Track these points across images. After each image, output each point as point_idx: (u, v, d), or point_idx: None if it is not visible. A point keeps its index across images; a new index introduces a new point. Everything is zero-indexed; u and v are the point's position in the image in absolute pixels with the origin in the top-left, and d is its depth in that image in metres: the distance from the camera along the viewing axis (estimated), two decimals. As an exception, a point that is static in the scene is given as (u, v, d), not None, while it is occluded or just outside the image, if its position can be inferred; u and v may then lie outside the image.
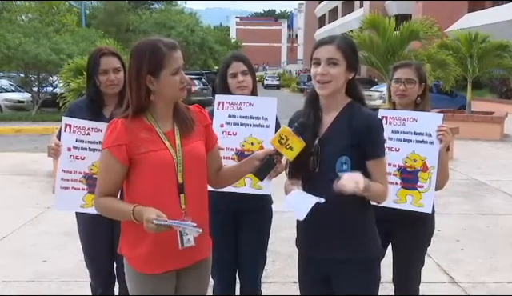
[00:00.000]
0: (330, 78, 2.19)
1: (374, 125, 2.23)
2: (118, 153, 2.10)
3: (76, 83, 9.28)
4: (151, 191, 2.13)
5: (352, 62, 2.24)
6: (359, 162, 2.20)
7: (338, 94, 2.25)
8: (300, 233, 2.40)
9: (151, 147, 2.13)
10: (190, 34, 29.69)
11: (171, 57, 2.09)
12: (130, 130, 2.12)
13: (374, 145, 2.22)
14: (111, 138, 2.12)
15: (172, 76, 2.10)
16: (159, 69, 2.08)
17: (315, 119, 2.27)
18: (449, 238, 5.45)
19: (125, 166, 2.13)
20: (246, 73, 2.97)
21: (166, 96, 2.15)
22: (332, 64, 2.19)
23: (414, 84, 2.96)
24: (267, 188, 2.87)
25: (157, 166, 2.12)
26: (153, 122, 2.17)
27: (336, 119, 2.26)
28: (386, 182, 2.27)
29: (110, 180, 2.14)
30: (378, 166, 2.23)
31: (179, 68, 2.12)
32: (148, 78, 2.09)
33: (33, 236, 5.60)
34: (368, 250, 2.28)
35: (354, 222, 2.25)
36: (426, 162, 2.76)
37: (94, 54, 3.05)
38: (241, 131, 2.84)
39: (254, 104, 2.83)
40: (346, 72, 2.22)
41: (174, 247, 2.07)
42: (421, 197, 2.77)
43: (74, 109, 3.09)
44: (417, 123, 2.78)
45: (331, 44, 2.21)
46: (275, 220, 3.17)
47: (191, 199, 2.18)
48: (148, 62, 2.08)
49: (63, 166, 2.91)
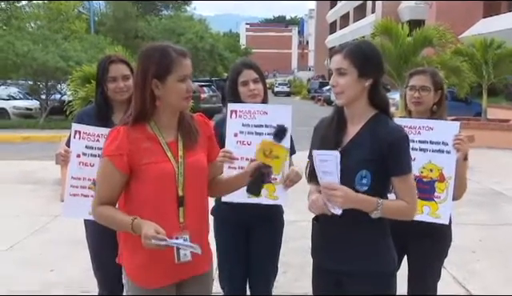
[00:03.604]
0: (341, 88, 2.18)
1: (397, 139, 2.17)
2: (119, 162, 2.09)
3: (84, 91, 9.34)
4: (150, 203, 2.12)
5: (364, 69, 2.17)
6: (381, 177, 2.17)
7: (357, 104, 2.22)
8: (315, 243, 2.39)
9: (152, 158, 2.11)
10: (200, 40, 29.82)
11: (180, 63, 2.08)
12: (131, 139, 2.10)
13: (398, 161, 2.17)
14: (112, 147, 2.10)
15: (178, 83, 2.09)
16: (167, 73, 2.07)
17: (338, 129, 2.26)
18: (464, 250, 5.39)
19: (125, 175, 2.12)
20: (258, 81, 2.96)
21: (171, 104, 2.13)
22: (341, 74, 2.18)
23: (429, 91, 2.94)
24: (283, 198, 2.84)
25: (157, 178, 2.11)
26: (156, 130, 2.15)
27: (359, 131, 2.22)
28: (412, 199, 2.20)
29: (108, 189, 2.13)
30: (402, 183, 2.18)
31: (187, 76, 2.11)
32: (154, 82, 2.08)
33: (40, 245, 5.63)
34: (383, 264, 2.26)
35: (369, 235, 2.23)
36: (442, 171, 2.74)
37: (102, 61, 3.09)
38: (255, 141, 2.79)
39: (268, 112, 2.80)
40: (358, 80, 2.17)
41: (170, 261, 2.07)
42: (438, 207, 2.75)
43: (82, 116, 3.13)
44: (433, 132, 2.76)
45: (340, 53, 2.19)
46: (287, 230, 3.16)
47: (190, 213, 2.17)
48: (156, 64, 2.07)
49: (72, 173, 2.93)
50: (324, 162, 2.09)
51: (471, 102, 19.65)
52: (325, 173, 2.10)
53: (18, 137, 15.26)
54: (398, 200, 2.19)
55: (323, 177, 2.11)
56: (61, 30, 21.22)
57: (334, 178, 2.08)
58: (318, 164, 2.11)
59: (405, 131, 2.25)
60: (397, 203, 2.18)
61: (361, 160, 2.15)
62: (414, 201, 2.22)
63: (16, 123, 18.57)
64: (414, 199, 2.22)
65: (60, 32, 20.93)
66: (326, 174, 2.09)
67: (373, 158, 2.14)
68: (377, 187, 2.16)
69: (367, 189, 2.14)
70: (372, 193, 2.13)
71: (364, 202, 2.12)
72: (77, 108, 9.36)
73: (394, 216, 2.20)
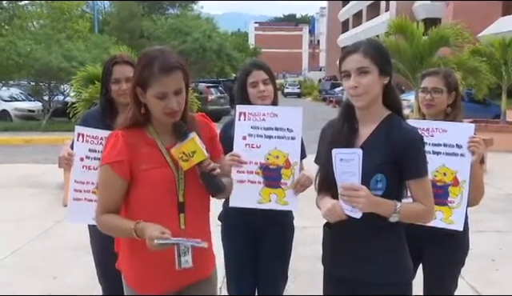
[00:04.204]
0: (364, 88, 2.14)
1: (413, 141, 2.16)
2: (120, 169, 2.11)
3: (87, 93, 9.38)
4: (150, 209, 2.13)
5: (384, 66, 2.18)
6: (396, 181, 2.17)
7: (375, 104, 2.21)
8: (327, 251, 2.38)
9: (152, 164, 2.13)
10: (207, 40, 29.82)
11: (159, 80, 2.03)
12: (131, 144, 2.12)
13: (414, 163, 2.16)
14: (112, 154, 2.11)
15: (155, 99, 2.07)
16: (146, 86, 2.07)
17: (350, 132, 2.24)
18: (483, 257, 5.36)
19: (126, 181, 2.14)
20: (267, 82, 2.97)
21: (154, 115, 2.14)
22: (363, 73, 2.14)
23: (442, 93, 2.93)
24: (293, 204, 2.85)
25: (157, 184, 2.13)
26: (155, 135, 2.17)
27: (373, 133, 2.21)
28: (429, 203, 2.21)
29: (110, 196, 2.15)
30: (419, 187, 2.18)
31: (166, 93, 2.05)
32: (138, 89, 2.10)
33: (42, 251, 5.68)
34: (399, 272, 2.25)
35: (385, 242, 2.22)
36: (456, 175, 2.74)
37: (107, 62, 3.13)
38: (265, 144, 2.81)
39: (278, 115, 2.81)
40: (379, 78, 2.17)
41: (170, 266, 2.07)
42: (451, 213, 2.74)
43: (87, 118, 3.17)
44: (446, 134, 2.76)
45: (357, 52, 2.16)
46: (296, 236, 3.16)
47: (191, 219, 2.18)
48: (138, 73, 2.09)
49: (76, 177, 2.96)
50: (345, 161, 2.06)
51: (490, 104, 19.54)
52: (345, 173, 2.06)
53: (20, 139, 15.39)
54: (416, 203, 2.18)
55: (343, 177, 2.07)
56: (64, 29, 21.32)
57: (356, 178, 2.04)
58: (338, 164, 2.07)
59: (420, 133, 2.25)
60: (415, 206, 2.18)
61: (375, 163, 2.13)
62: (431, 204, 2.23)
63: (18, 125, 18.72)
64: (431, 202, 2.23)
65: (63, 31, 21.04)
66: (347, 175, 2.06)
67: (388, 161, 2.14)
68: (392, 191, 2.16)
69: (382, 193, 2.13)
70: (387, 198, 2.13)
71: (383, 205, 2.11)
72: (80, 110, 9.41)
73: (412, 220, 2.20)
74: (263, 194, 2.82)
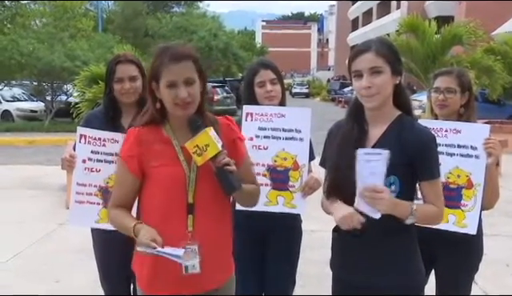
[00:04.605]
0: (377, 89, 2.13)
1: (426, 142, 2.17)
2: (130, 164, 2.16)
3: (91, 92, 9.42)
4: (158, 209, 2.14)
5: (396, 66, 2.18)
6: (409, 183, 2.16)
7: (385, 105, 2.20)
8: (336, 255, 2.37)
9: (163, 161, 2.14)
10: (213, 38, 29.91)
11: (168, 68, 2.08)
12: (143, 140, 2.15)
13: (427, 164, 2.17)
14: (124, 148, 2.19)
15: (167, 88, 2.09)
16: (158, 77, 2.11)
17: (360, 133, 2.23)
18: (497, 262, 5.32)
19: (136, 178, 2.17)
20: (275, 81, 2.97)
21: (168, 109, 2.15)
22: (376, 73, 2.13)
23: (455, 93, 2.92)
24: (301, 207, 2.85)
25: (166, 182, 2.14)
26: (170, 133, 2.18)
27: (384, 134, 2.21)
28: (441, 204, 2.22)
29: (121, 191, 2.21)
30: (431, 188, 2.19)
31: (176, 82, 2.08)
32: (153, 84, 2.14)
33: (45, 254, 5.70)
34: (412, 277, 2.24)
35: (396, 246, 2.21)
36: (470, 177, 2.72)
37: (111, 61, 3.15)
38: (272, 145, 2.81)
39: (286, 115, 2.81)
40: (392, 78, 2.17)
41: (177, 272, 2.08)
42: (464, 216, 2.72)
43: (90, 118, 3.18)
44: (460, 135, 2.75)
45: (369, 51, 2.15)
46: (304, 240, 3.16)
47: (201, 222, 2.15)
48: (151, 65, 2.15)
49: (78, 179, 2.96)
50: (370, 161, 2.04)
51: (504, 104, 19.41)
52: (369, 174, 2.04)
53: (22, 140, 15.47)
54: (428, 204, 2.18)
55: (366, 178, 2.05)
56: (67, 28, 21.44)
57: (379, 179, 2.03)
58: (363, 164, 2.05)
59: (432, 133, 2.25)
60: (428, 207, 2.18)
61: (389, 165, 2.11)
62: (443, 205, 2.25)
63: (20, 126, 18.83)
64: (443, 204, 2.25)
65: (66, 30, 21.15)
66: (370, 175, 2.04)
67: (400, 162, 2.12)
68: (405, 193, 2.16)
69: (396, 196, 2.13)
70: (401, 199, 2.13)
71: (401, 207, 2.10)
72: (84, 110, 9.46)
73: (425, 221, 2.21)
74: (270, 197, 2.82)
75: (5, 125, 19.00)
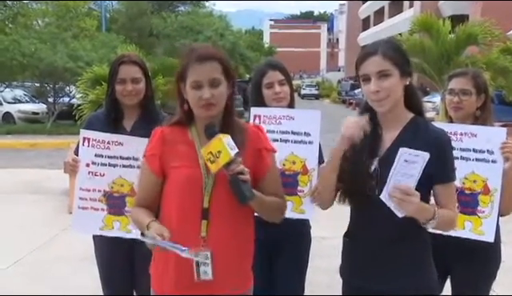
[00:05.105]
0: (386, 92, 2.13)
1: (442, 144, 2.17)
2: (152, 163, 2.20)
3: (94, 94, 9.45)
4: (175, 211, 2.16)
5: (405, 67, 2.18)
6: (425, 186, 2.14)
7: (397, 107, 2.20)
8: (347, 260, 2.37)
9: (182, 162, 2.17)
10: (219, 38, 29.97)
11: (193, 68, 2.12)
12: (167, 140, 2.20)
13: (444, 167, 2.17)
14: (148, 147, 2.24)
15: (192, 89, 2.13)
16: (185, 78, 2.15)
17: (374, 137, 2.23)
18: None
19: (158, 178, 2.21)
20: (283, 83, 2.96)
21: (193, 110, 2.18)
22: (383, 77, 2.13)
23: (471, 95, 2.90)
24: (310, 212, 2.83)
25: (183, 184, 2.15)
26: (195, 136, 2.21)
27: (399, 137, 2.20)
28: (456, 208, 2.23)
29: (143, 191, 2.27)
30: (447, 191, 2.19)
31: (200, 82, 2.10)
32: (181, 84, 2.18)
33: (47, 260, 5.71)
34: (424, 283, 2.24)
35: (410, 251, 2.21)
36: (487, 183, 2.70)
37: (114, 61, 3.15)
38: (281, 148, 2.78)
39: (295, 118, 2.81)
40: (401, 80, 2.17)
41: (189, 277, 2.11)
42: (481, 223, 2.71)
43: (92, 120, 3.17)
44: (476, 139, 2.73)
45: (376, 54, 2.15)
46: (314, 247, 3.15)
47: (216, 228, 2.14)
48: (180, 65, 2.19)
49: (81, 184, 2.96)
50: (408, 162, 2.03)
51: (521, 106, 19.35)
52: (403, 175, 2.04)
53: (24, 143, 15.55)
54: (446, 209, 2.17)
55: (399, 178, 2.04)
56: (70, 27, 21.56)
57: (413, 181, 2.03)
58: (401, 164, 2.04)
59: (448, 134, 2.25)
60: (446, 212, 2.17)
61: None
62: (456, 210, 2.27)
63: (21, 128, 18.92)
64: (456, 209, 2.26)
65: (69, 30, 21.27)
66: (404, 176, 2.03)
67: None
68: (422, 198, 2.13)
69: None
70: None
71: (426, 211, 2.09)
72: (87, 112, 9.51)
73: (443, 226, 2.20)
74: None
75: (6, 127, 19.10)
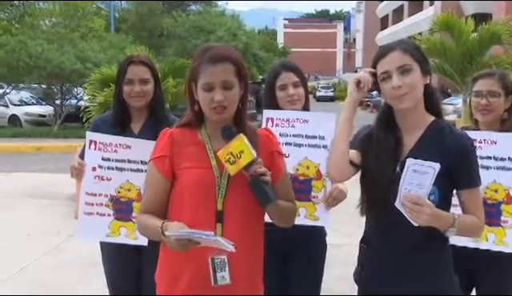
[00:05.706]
0: (408, 88, 2.13)
1: (466, 148, 2.17)
2: (161, 165, 2.18)
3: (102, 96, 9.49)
4: (185, 213, 2.13)
5: (424, 64, 2.19)
6: (448, 192, 2.16)
7: (418, 108, 2.20)
8: (364, 267, 2.37)
9: (194, 163, 2.16)
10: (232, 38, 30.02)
11: (205, 69, 2.11)
12: (176, 141, 2.19)
13: (468, 172, 2.17)
14: (156, 149, 2.22)
15: (203, 91, 2.12)
16: (196, 78, 2.15)
17: (395, 141, 2.23)
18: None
19: (166, 180, 2.19)
20: (298, 84, 2.96)
21: (204, 113, 2.18)
22: (405, 72, 2.14)
23: (499, 97, 2.88)
24: (325, 219, 2.83)
25: (195, 186, 2.14)
26: (205, 137, 2.21)
27: (420, 142, 2.20)
28: (482, 215, 2.21)
29: (152, 195, 2.21)
30: (472, 197, 2.19)
31: (212, 84, 2.09)
32: (192, 85, 2.17)
33: (53, 267, 5.74)
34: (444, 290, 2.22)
35: (429, 258, 2.21)
36: (510, 192, 2.69)
37: (123, 61, 3.16)
38: (294, 153, 2.80)
39: (309, 121, 2.81)
40: (422, 77, 2.18)
41: (207, 283, 2.08)
42: (505, 234, 2.70)
43: (99, 123, 3.19)
44: (496, 146, 2.72)
45: (395, 50, 2.17)
46: (329, 255, 3.14)
47: (231, 232, 2.12)
48: (191, 65, 2.19)
49: (87, 188, 2.97)
50: (418, 172, 2.04)
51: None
52: (412, 184, 2.05)
53: (31, 146, 15.67)
54: (469, 215, 2.17)
55: (410, 188, 2.05)
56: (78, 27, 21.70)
57: (424, 192, 2.04)
58: (410, 174, 2.05)
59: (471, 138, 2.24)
60: (470, 218, 2.16)
61: None
62: (483, 216, 2.23)
63: (28, 131, 19.06)
64: (483, 215, 2.23)
65: (77, 30, 21.41)
66: (414, 186, 2.05)
67: (442, 170, 2.09)
68: (444, 204, 2.15)
69: (435, 206, 2.10)
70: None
71: (443, 219, 2.09)
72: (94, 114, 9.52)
73: (465, 233, 2.21)
74: None
75: (12, 130, 19.26)
